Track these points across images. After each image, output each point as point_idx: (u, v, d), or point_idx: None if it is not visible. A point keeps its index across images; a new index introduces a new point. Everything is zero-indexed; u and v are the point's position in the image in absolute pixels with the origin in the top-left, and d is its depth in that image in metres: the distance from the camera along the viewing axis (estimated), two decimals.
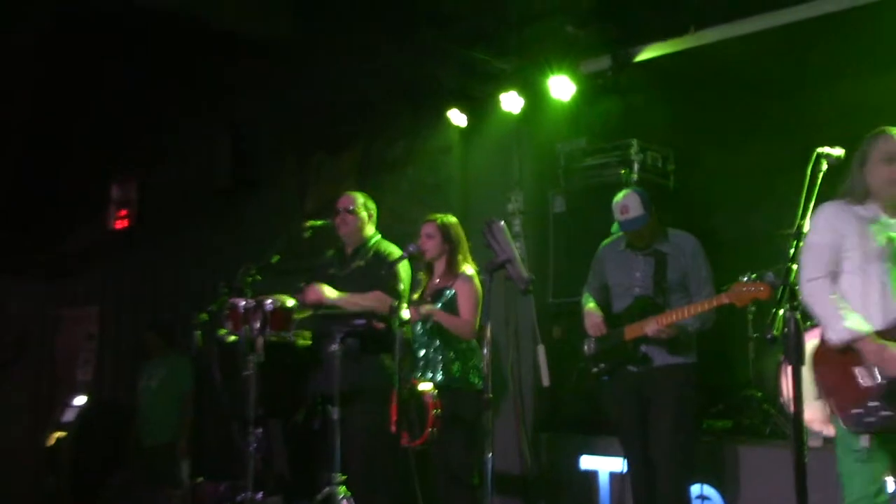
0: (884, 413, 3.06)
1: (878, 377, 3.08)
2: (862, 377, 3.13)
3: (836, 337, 3.13)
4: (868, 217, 3.27)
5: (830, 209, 3.26)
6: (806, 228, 2.79)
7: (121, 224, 9.32)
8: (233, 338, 4.67)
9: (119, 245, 9.28)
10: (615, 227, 4.65)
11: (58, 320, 9.90)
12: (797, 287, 2.66)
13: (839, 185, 3.30)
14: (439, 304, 4.52)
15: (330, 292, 4.73)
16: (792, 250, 2.73)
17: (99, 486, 6.64)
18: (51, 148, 8.55)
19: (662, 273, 4.51)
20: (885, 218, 3.28)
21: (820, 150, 2.99)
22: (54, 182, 8.94)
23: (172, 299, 8.27)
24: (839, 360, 3.16)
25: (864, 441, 3.12)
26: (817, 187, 2.90)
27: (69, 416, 8.24)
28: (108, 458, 6.83)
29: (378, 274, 4.78)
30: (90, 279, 9.67)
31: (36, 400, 9.36)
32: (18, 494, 7.51)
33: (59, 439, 7.39)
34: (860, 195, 3.28)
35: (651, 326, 4.35)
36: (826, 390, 3.23)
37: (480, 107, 6.52)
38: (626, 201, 4.52)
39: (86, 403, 8.45)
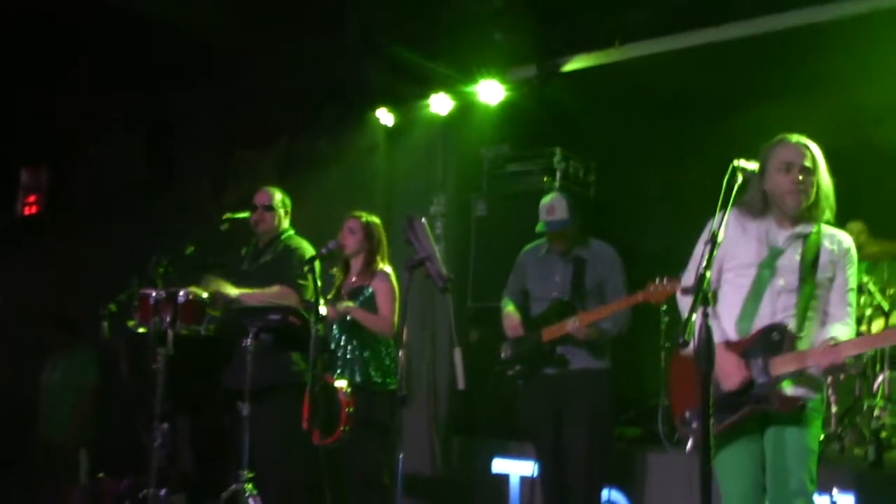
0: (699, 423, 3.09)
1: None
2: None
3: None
4: (757, 232, 3.26)
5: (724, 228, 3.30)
6: (720, 238, 2.83)
7: (29, 210, 8.97)
8: (142, 329, 4.53)
9: (25, 232, 8.92)
10: (540, 226, 4.71)
11: None
12: (710, 294, 2.69)
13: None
14: (357, 303, 4.48)
15: (231, 289, 4.62)
16: (707, 258, 2.76)
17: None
18: None
19: (581, 278, 4.62)
20: (774, 231, 3.25)
21: (736, 162, 3.03)
22: None
23: (80, 290, 8.00)
24: (689, 366, 3.12)
25: (689, 446, 3.21)
26: (732, 199, 2.93)
27: None
28: (6, 453, 6.55)
29: (284, 268, 4.71)
30: None
31: None
32: None
33: None
34: (758, 208, 3.27)
35: (571, 324, 4.43)
36: (670, 390, 3.39)
37: (408, 107, 6.51)
38: (553, 203, 4.68)
39: None
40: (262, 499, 4.19)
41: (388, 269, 4.58)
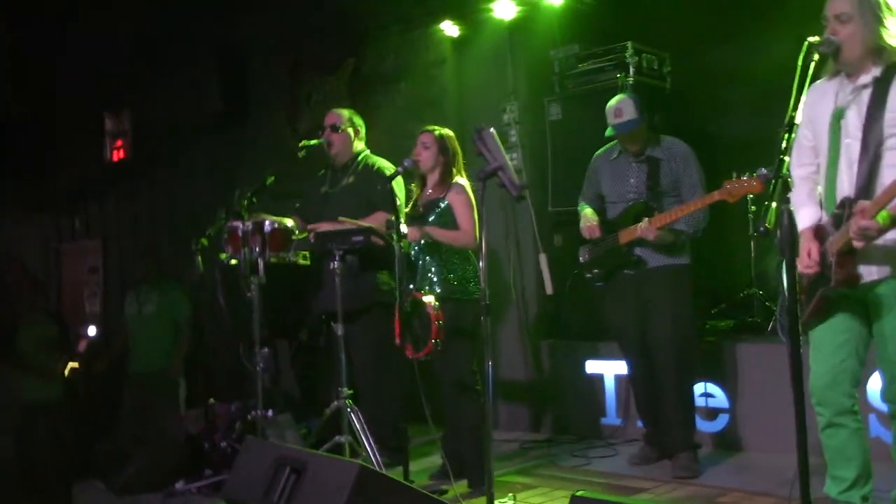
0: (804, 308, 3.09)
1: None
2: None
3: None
4: (830, 95, 3.09)
5: (806, 97, 2.91)
6: (798, 120, 2.73)
7: (118, 155, 9.27)
8: (234, 261, 4.67)
9: (116, 177, 9.24)
10: (609, 131, 4.66)
11: (61, 255, 9.93)
12: (790, 179, 2.61)
13: None
14: (432, 216, 4.51)
15: (331, 226, 4.70)
16: (784, 143, 2.68)
17: (111, 412, 6.74)
18: (39, 83, 8.43)
19: (655, 178, 4.57)
20: (844, 87, 3.08)
21: (811, 39, 2.89)
22: (45, 117, 8.83)
23: (171, 227, 8.31)
24: None
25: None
26: (809, 78, 2.81)
27: (82, 346, 8.32)
28: (115, 387, 6.90)
29: (369, 189, 4.76)
30: (89, 212, 9.68)
31: None
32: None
33: (73, 370, 7.48)
34: (832, 68, 3.09)
35: (641, 227, 4.42)
36: None
37: (472, 17, 6.39)
38: (619, 105, 4.62)
39: (96, 334, 8.54)
40: (362, 413, 4.33)
41: (462, 180, 4.57)
